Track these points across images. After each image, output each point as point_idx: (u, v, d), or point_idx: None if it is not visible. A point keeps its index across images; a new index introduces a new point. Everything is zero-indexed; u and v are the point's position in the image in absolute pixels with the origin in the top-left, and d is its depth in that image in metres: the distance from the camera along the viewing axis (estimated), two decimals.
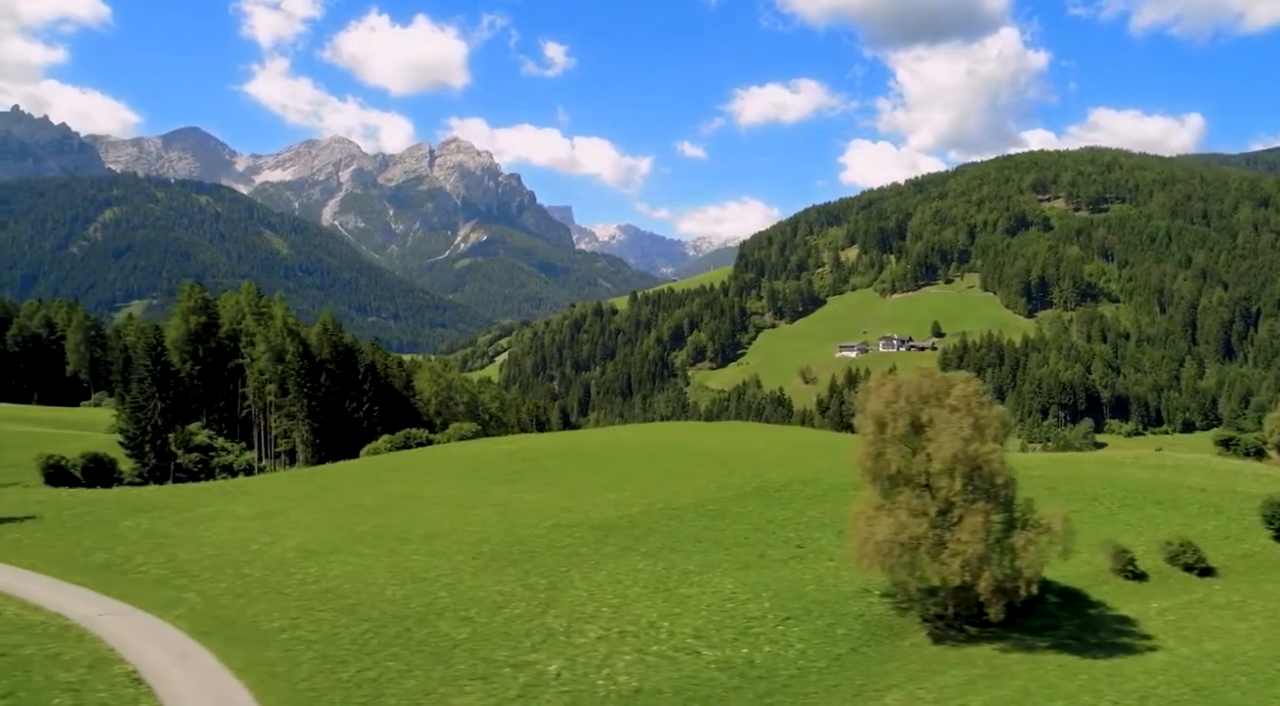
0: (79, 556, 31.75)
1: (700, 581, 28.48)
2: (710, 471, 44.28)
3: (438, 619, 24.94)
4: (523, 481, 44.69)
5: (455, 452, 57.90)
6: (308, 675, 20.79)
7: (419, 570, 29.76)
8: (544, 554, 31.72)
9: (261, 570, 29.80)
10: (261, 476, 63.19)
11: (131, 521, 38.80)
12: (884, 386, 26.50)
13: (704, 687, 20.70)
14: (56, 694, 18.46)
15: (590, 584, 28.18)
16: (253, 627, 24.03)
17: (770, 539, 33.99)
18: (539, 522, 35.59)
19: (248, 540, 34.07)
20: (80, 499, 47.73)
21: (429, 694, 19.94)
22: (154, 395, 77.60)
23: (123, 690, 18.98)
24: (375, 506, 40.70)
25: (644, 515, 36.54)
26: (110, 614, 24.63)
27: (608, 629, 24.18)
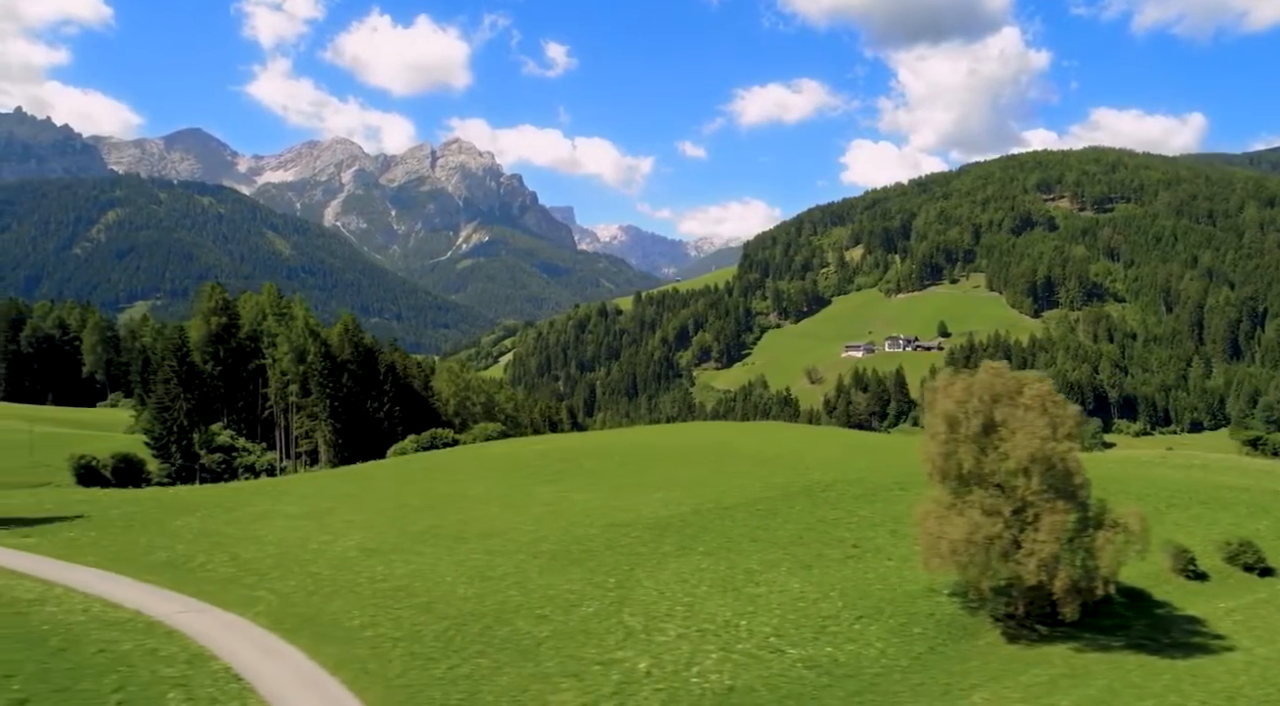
0: (140, 555, 31.86)
1: (765, 580, 28.56)
2: (752, 471, 44.37)
3: (514, 617, 25.03)
4: (565, 481, 44.78)
5: (488, 453, 58.00)
6: (400, 672, 20.88)
7: (483, 568, 29.85)
8: (604, 553, 31.81)
9: (327, 568, 29.91)
10: (298, 476, 63.24)
11: (182, 520, 38.94)
12: (954, 385, 26.57)
13: (794, 686, 20.77)
14: (166, 688, 18.59)
15: (657, 582, 28.26)
16: (335, 625, 24.12)
17: (824, 538, 34.05)
18: (593, 522, 35.68)
19: (305, 538, 34.18)
20: (122, 499, 47.88)
21: (524, 691, 20.02)
22: (179, 396, 77.74)
23: (226, 685, 19.09)
24: (423, 506, 40.81)
25: (695, 515, 36.63)
26: (188, 611, 24.75)
27: (686, 627, 24.27)
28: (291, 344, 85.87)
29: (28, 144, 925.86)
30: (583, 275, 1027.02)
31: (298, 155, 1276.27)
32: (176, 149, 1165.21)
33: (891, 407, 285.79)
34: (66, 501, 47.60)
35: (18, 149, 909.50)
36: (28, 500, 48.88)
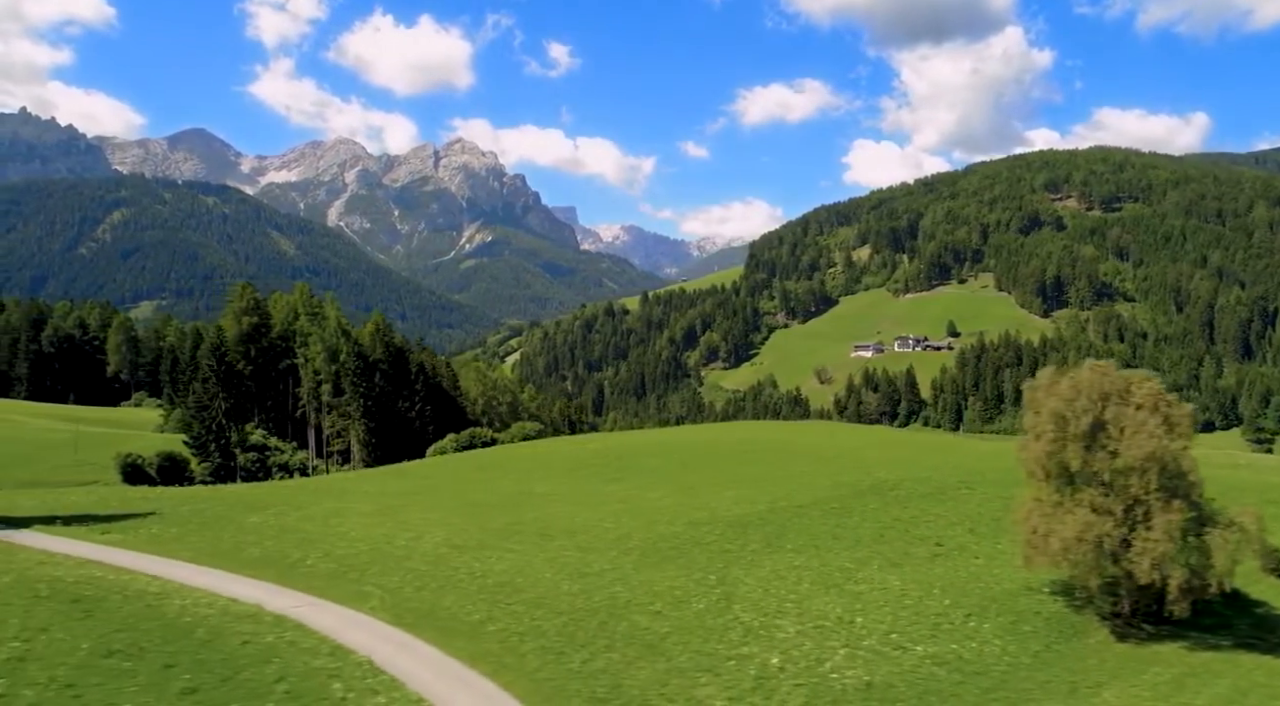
0: (232, 551, 32.01)
1: (863, 578, 28.67)
2: (816, 470, 44.50)
3: (627, 612, 25.16)
4: (631, 480, 44.94)
5: (539, 451, 58.17)
6: (536, 666, 21.01)
7: (578, 565, 29.98)
8: (692, 550, 31.95)
9: (423, 564, 30.05)
10: (354, 474, 63.23)
11: (256, 518, 39.09)
12: (1059, 384, 26.66)
13: (928, 682, 20.89)
14: (324, 678, 18.79)
15: (757, 579, 28.38)
16: (454, 619, 24.26)
17: (905, 537, 34.15)
18: (673, 519, 35.82)
19: (389, 535, 34.32)
20: (183, 496, 48.10)
21: (664, 685, 20.14)
22: (217, 395, 77.98)
23: (374, 677, 19.24)
24: (493, 503, 40.96)
25: (772, 512, 36.75)
26: (304, 605, 24.89)
27: (801, 624, 24.38)
28: (325, 343, 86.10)
29: (32, 144, 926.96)
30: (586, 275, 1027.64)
31: (301, 155, 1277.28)
32: (180, 149, 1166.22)
33: (902, 407, 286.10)
34: (126, 499, 47.80)
35: (22, 149, 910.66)
36: (87, 498, 49.07)
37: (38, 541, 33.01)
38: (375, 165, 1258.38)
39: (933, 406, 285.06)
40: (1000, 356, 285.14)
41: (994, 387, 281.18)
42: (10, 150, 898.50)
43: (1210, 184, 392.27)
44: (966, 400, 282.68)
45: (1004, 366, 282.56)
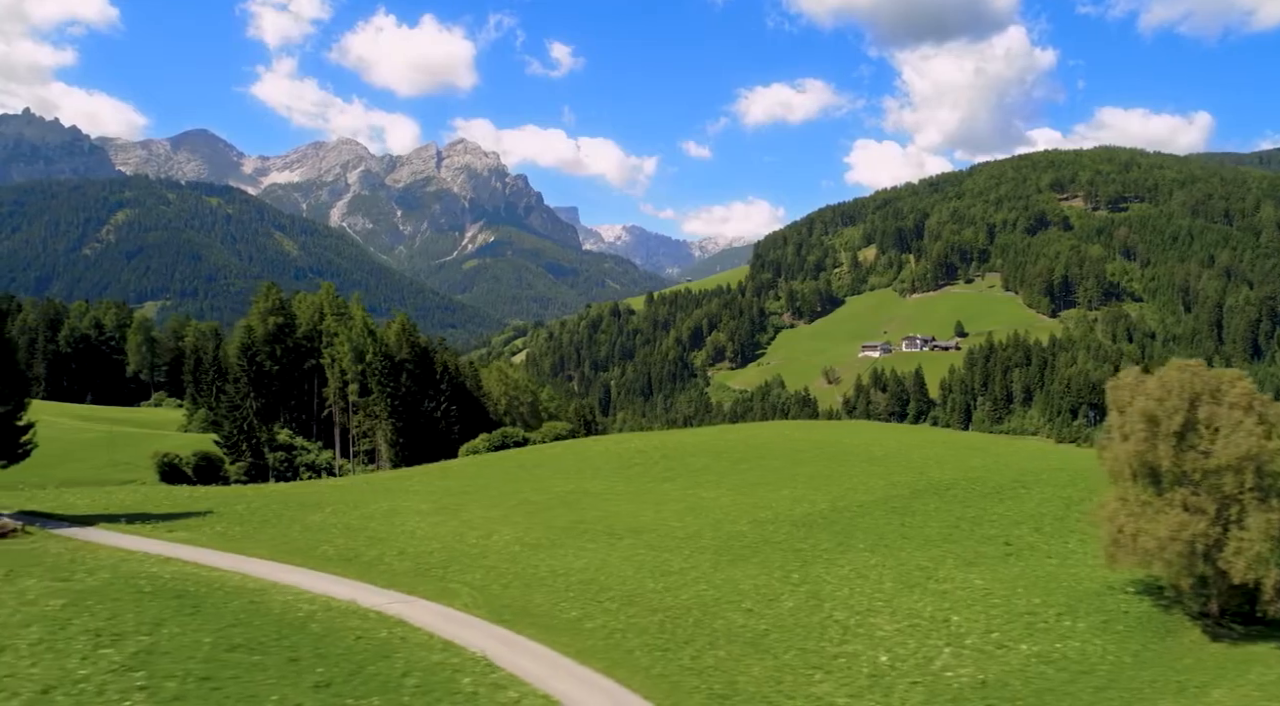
0: (306, 549, 32.05)
1: (944, 577, 28.69)
2: (869, 470, 44.53)
3: (720, 610, 25.20)
4: (683, 479, 44.97)
5: (577, 451, 58.19)
6: (647, 663, 21.05)
7: (656, 563, 30.02)
8: (765, 548, 31.99)
9: (500, 562, 30.09)
10: (394, 473, 63.14)
11: (315, 516, 39.17)
12: (1146, 383, 26.69)
13: (1040, 681, 20.90)
14: (449, 672, 18.85)
15: (838, 578, 28.41)
16: (550, 616, 24.30)
17: (972, 536, 34.16)
18: (738, 518, 35.87)
19: (458, 534, 34.37)
20: (232, 495, 48.16)
21: (779, 682, 20.18)
22: (249, 394, 78.01)
23: (493, 672, 19.29)
24: (549, 502, 41.01)
25: (834, 512, 36.79)
26: (397, 602, 24.95)
27: (897, 622, 24.41)
28: (352, 343, 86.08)
29: (36, 145, 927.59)
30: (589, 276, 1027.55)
31: (303, 156, 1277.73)
32: (183, 150, 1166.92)
33: (911, 407, 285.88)
34: (175, 498, 47.85)
35: (26, 150, 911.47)
36: (132, 496, 49.16)
37: (110, 539, 33.10)
38: (378, 166, 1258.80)
39: (941, 406, 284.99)
40: (1009, 356, 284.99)
41: (1003, 387, 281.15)
42: (14, 151, 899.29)
43: (1217, 184, 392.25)
44: (975, 400, 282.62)
45: (1013, 366, 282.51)
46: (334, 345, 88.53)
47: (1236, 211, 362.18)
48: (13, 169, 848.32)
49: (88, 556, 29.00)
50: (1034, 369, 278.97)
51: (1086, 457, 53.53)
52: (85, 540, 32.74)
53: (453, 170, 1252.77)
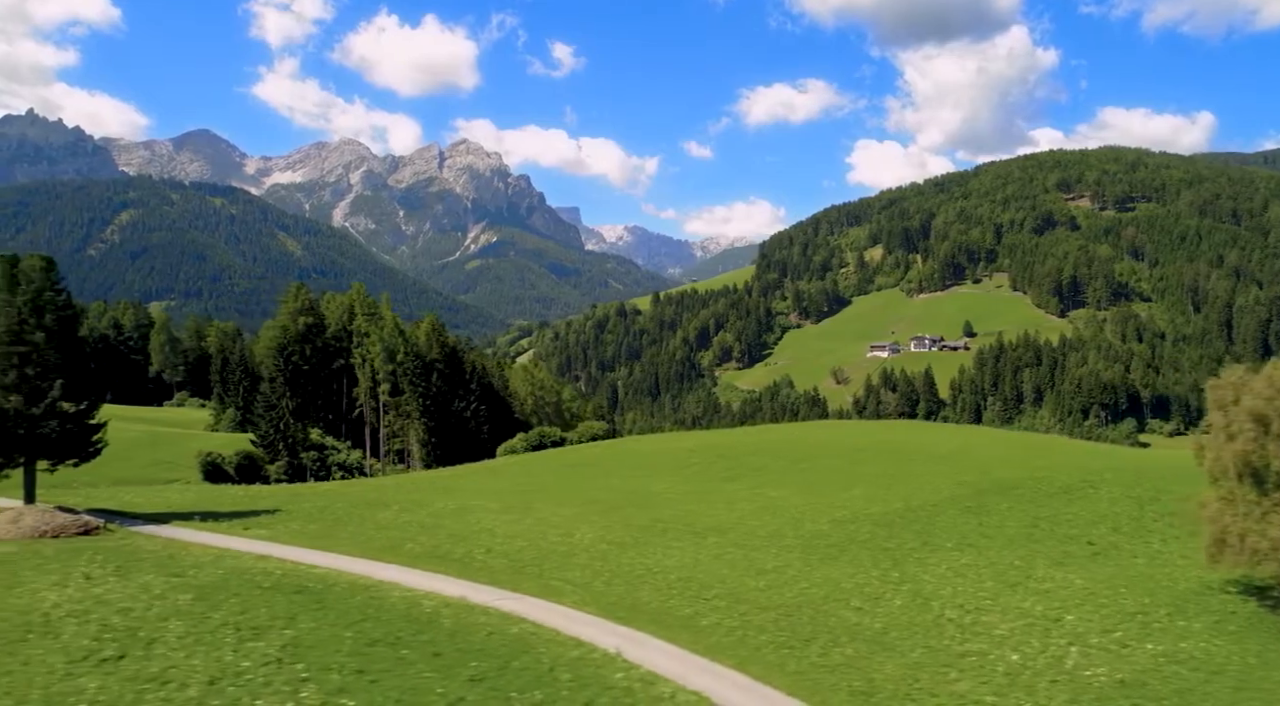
0: (392, 546, 32.00)
1: (1042, 576, 28.64)
2: (933, 469, 44.52)
3: (829, 608, 25.16)
4: (744, 479, 44.96)
5: (624, 451, 58.18)
6: (776, 660, 21.00)
7: (747, 561, 30.01)
8: (852, 547, 31.98)
9: (593, 560, 30.06)
10: (443, 472, 62.99)
11: (385, 514, 39.14)
12: (1252, 382, 26.65)
13: (1177, 681, 20.84)
14: (593, 668, 18.89)
15: (936, 577, 28.38)
16: (664, 614, 24.26)
17: (1053, 535, 34.12)
18: (815, 517, 35.86)
19: (538, 532, 34.34)
20: (287, 495, 48.18)
21: (915, 680, 20.13)
22: (285, 394, 78.05)
23: (630, 668, 19.26)
24: (616, 501, 41.01)
25: (909, 511, 36.77)
26: (506, 599, 24.90)
27: (1011, 621, 24.36)
28: (384, 343, 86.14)
29: (39, 146, 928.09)
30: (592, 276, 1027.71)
31: (306, 156, 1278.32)
32: (185, 150, 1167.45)
33: (921, 407, 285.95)
34: (231, 497, 47.89)
35: (29, 151, 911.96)
36: (186, 495, 49.21)
37: (193, 536, 33.11)
38: (380, 166, 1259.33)
39: (951, 406, 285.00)
40: (1019, 356, 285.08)
41: (1013, 387, 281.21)
42: (18, 152, 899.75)
43: (1224, 184, 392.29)
44: (986, 400, 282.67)
45: (1023, 366, 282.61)
46: (364, 345, 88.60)
47: (1244, 211, 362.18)
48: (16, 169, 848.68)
49: (182, 552, 29.02)
50: (1044, 369, 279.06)
51: (1147, 457, 53.58)
52: (170, 537, 32.75)
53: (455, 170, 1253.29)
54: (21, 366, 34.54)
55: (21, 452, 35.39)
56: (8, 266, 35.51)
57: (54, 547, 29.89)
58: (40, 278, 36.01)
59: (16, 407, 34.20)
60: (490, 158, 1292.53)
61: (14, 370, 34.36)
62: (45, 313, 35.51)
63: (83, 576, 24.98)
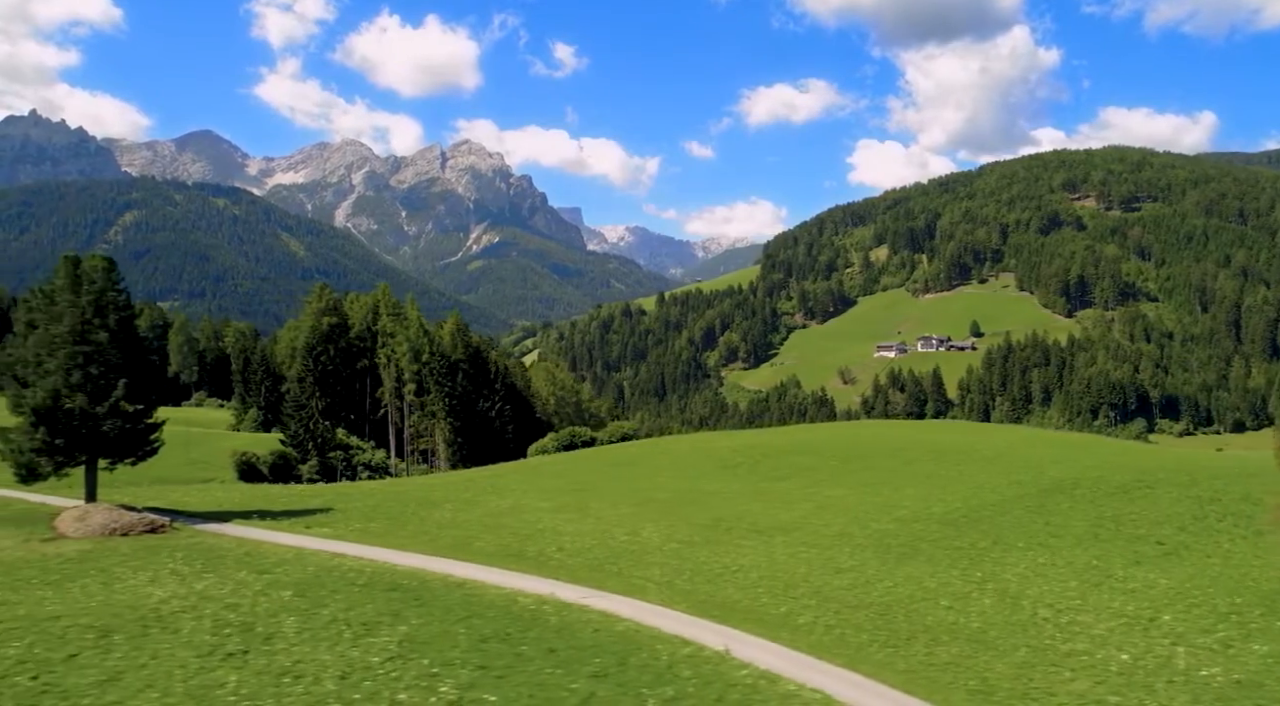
0: (460, 545, 31.87)
1: (1125, 575, 28.52)
2: (985, 469, 44.42)
3: (920, 607, 25.04)
4: (795, 478, 44.86)
5: (663, 450, 58.05)
6: (883, 658, 20.87)
7: (823, 560, 29.90)
8: (924, 546, 31.88)
9: (668, 558, 29.92)
10: (483, 471, 62.72)
11: (441, 513, 39.04)
12: None
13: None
14: (711, 665, 18.77)
15: (1016, 576, 28.27)
16: (757, 612, 24.13)
17: (1120, 535, 33.99)
18: (878, 517, 35.77)
19: (603, 530, 34.23)
20: (333, 494, 48.08)
21: (1030, 679, 19.98)
22: (314, 394, 78.00)
23: (741, 668, 19.17)
24: (673, 501, 40.90)
25: (971, 510, 36.68)
26: (593, 597, 24.75)
27: (1107, 621, 24.24)
28: (410, 343, 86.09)
29: (42, 146, 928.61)
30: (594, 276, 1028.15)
31: (308, 157, 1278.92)
32: (187, 151, 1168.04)
33: (929, 408, 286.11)
34: (275, 496, 47.84)
35: (32, 151, 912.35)
36: (231, 494, 49.18)
37: (259, 534, 33.01)
38: (382, 167, 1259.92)
39: (960, 406, 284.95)
40: (1028, 356, 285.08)
41: (1022, 388, 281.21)
42: (21, 152, 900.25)
43: (1230, 184, 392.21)
44: (994, 400, 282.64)
45: (1031, 366, 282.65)
46: (390, 345, 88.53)
47: (1251, 211, 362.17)
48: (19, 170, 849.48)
49: (259, 550, 28.95)
50: (1052, 369, 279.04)
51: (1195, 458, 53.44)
52: (238, 535, 32.67)
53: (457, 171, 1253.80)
54: (86, 366, 34.49)
55: (85, 451, 35.35)
56: (71, 267, 35.52)
57: (129, 545, 29.83)
58: (102, 278, 36.00)
59: (81, 407, 34.14)
60: (492, 158, 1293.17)
61: (79, 370, 34.31)
62: (108, 313, 35.49)
63: (171, 573, 24.95)
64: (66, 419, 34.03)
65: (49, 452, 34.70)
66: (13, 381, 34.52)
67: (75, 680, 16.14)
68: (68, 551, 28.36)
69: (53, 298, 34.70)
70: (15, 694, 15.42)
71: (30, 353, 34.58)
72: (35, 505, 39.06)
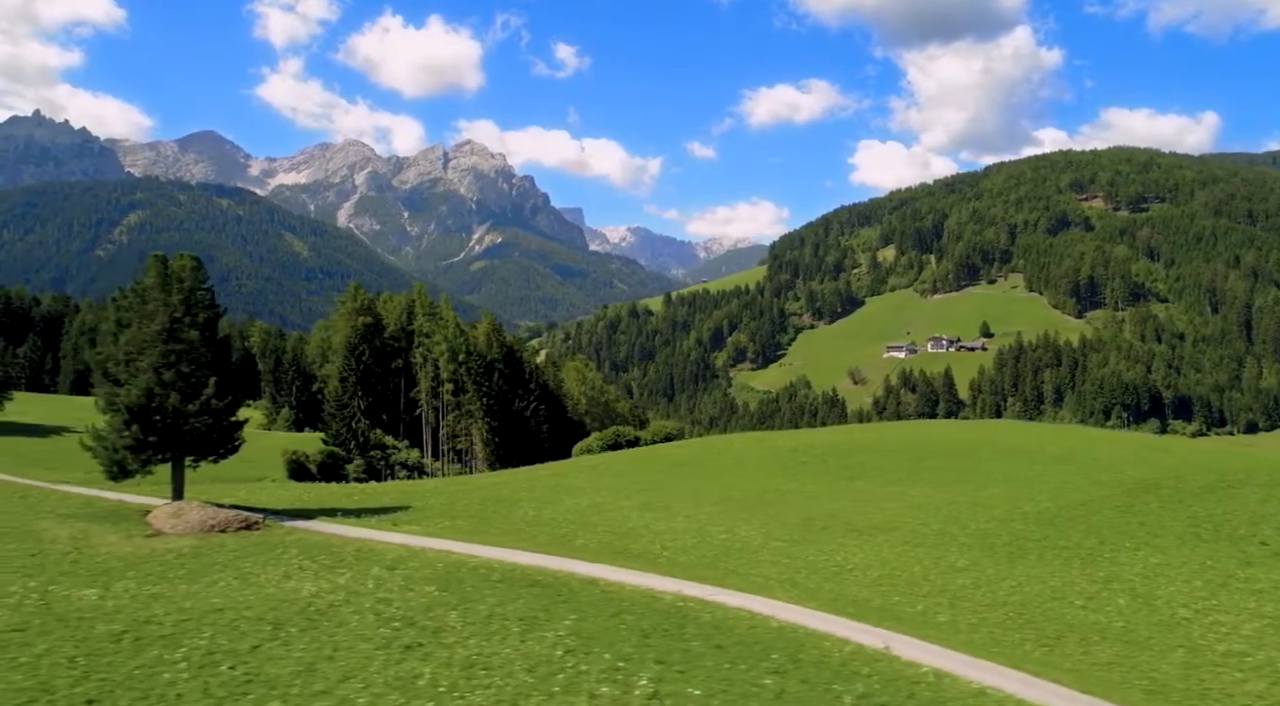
0: (560, 542, 31.49)
1: (1245, 576, 28.24)
2: (1063, 469, 44.19)
3: (1054, 607, 24.80)
4: (868, 477, 44.62)
5: (722, 450, 57.81)
6: (1045, 658, 20.65)
7: (935, 559, 29.64)
8: (1030, 545, 31.64)
9: (777, 557, 29.64)
10: (540, 469, 62.47)
11: (523, 511, 38.74)
12: None
13: None
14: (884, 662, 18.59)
15: (1138, 575, 28.01)
16: (892, 611, 23.85)
17: (1219, 535, 33.69)
18: (974, 516, 35.54)
19: (700, 529, 33.95)
20: (399, 491, 47.84)
21: (1200, 680, 19.74)
22: (356, 393, 77.80)
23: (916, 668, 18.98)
24: (755, 500, 40.64)
25: (1063, 510, 36.44)
26: (718, 594, 24.41)
27: (1251, 622, 23.96)
28: (448, 343, 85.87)
29: (46, 147, 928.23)
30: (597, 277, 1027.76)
31: (310, 157, 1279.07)
32: (190, 151, 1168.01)
33: (940, 408, 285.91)
34: (340, 494, 47.58)
35: (36, 152, 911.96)
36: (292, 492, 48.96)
37: (352, 531, 32.67)
38: (384, 167, 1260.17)
39: (971, 407, 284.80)
40: (1039, 357, 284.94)
41: (1033, 388, 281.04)
42: (25, 152, 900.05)
43: (1238, 184, 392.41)
44: (1006, 401, 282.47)
45: (1043, 367, 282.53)
46: (426, 345, 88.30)
47: (1260, 211, 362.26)
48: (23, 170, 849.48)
49: (367, 547, 28.67)
50: (1064, 369, 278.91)
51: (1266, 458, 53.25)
52: (334, 532, 32.38)
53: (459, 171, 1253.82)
54: (178, 363, 34.29)
55: (176, 449, 35.16)
56: (161, 266, 35.35)
57: (234, 541, 29.59)
58: (191, 277, 35.82)
59: (174, 405, 33.94)
60: (494, 159, 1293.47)
61: (171, 368, 34.11)
62: (198, 311, 35.30)
63: (299, 569, 24.72)
64: (159, 417, 33.82)
65: (140, 450, 34.50)
66: (105, 380, 34.35)
67: (273, 670, 15.99)
68: (179, 547, 28.13)
69: (144, 297, 34.48)
70: (222, 682, 15.28)
71: (122, 351, 34.39)
72: (115, 503, 38.84)
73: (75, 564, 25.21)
